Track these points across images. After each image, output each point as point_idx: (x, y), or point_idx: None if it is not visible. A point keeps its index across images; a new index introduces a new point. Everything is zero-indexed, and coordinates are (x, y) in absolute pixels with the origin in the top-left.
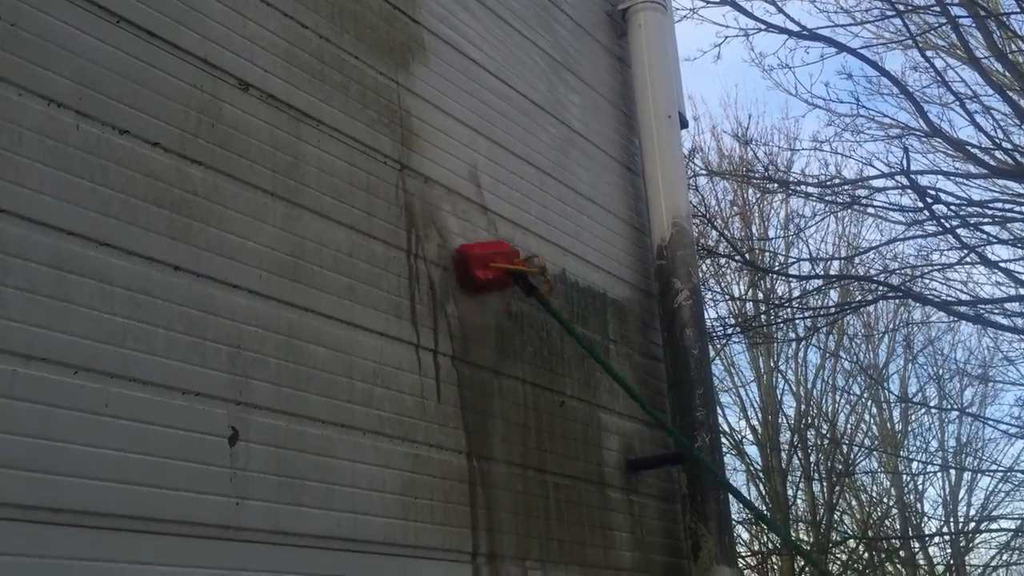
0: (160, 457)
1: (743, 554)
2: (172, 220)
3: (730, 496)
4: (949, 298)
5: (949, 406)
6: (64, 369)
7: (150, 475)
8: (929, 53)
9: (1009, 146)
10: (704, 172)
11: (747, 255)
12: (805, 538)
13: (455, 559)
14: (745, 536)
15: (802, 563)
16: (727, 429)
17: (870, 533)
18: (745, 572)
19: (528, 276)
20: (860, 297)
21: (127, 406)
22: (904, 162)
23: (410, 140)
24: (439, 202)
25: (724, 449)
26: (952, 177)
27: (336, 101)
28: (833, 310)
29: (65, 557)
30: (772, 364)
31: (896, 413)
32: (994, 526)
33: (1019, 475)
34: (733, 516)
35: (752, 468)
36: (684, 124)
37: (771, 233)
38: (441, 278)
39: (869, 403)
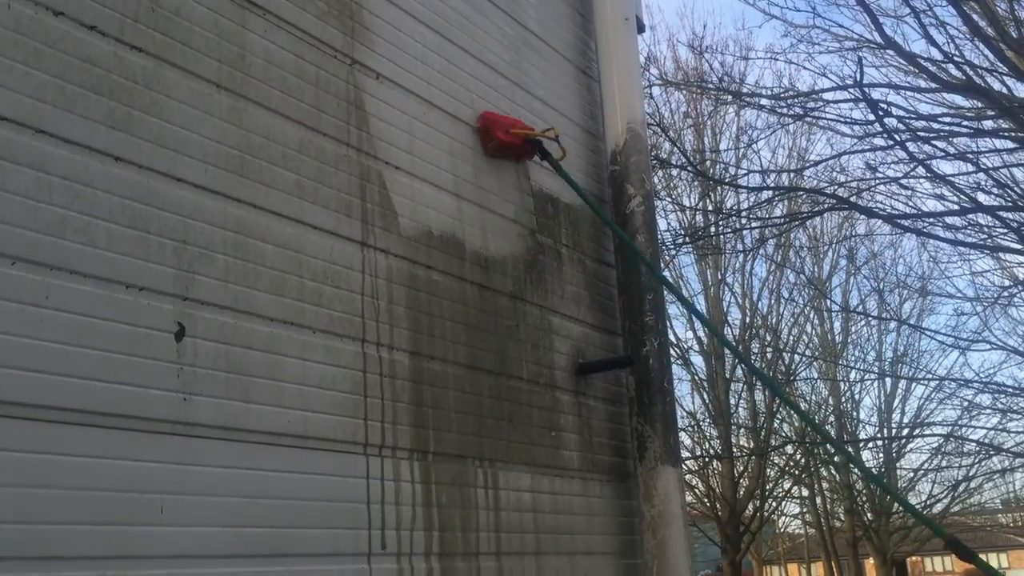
0: (104, 351)
1: (684, 458)
2: (112, 109)
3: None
4: (894, 211)
5: (889, 316)
6: (1, 260)
7: (94, 369)
8: None
9: (961, 60)
10: (659, 82)
11: (699, 167)
12: (745, 444)
13: (404, 457)
14: (688, 442)
15: (741, 469)
16: (674, 339)
17: (807, 439)
18: (686, 477)
19: (543, 142)
20: (808, 209)
21: (69, 299)
22: (858, 74)
23: (361, 34)
24: (391, 99)
25: (671, 357)
26: (903, 91)
27: None
28: (781, 221)
29: (4, 449)
30: (719, 276)
31: (837, 325)
32: (926, 432)
33: (952, 384)
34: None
35: (697, 377)
36: (641, 28)
37: (723, 147)
38: (392, 177)
39: (811, 315)
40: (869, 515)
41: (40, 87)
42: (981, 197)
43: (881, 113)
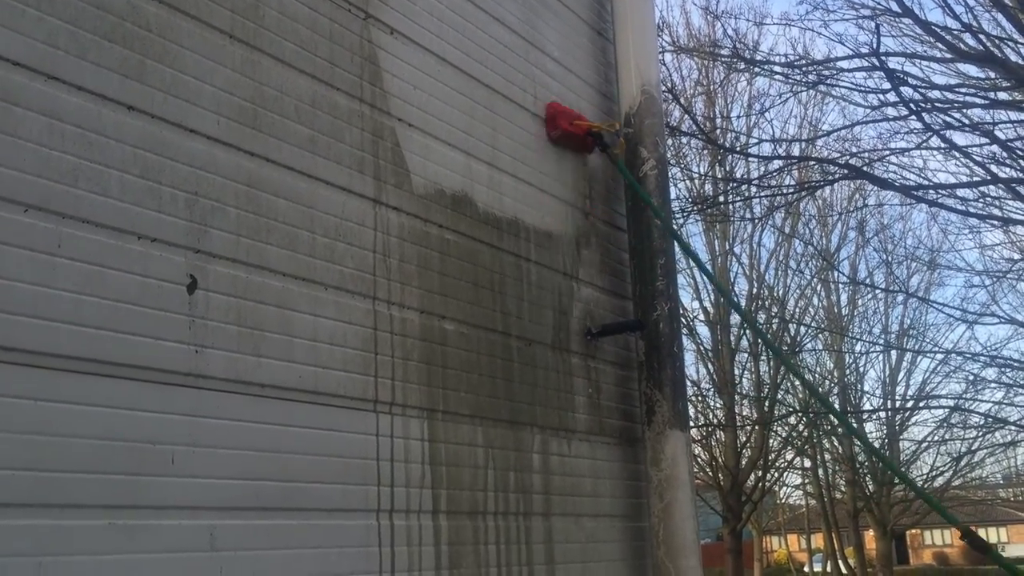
0: (116, 301)
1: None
2: (124, 57)
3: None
4: (907, 182)
5: (896, 289)
6: (14, 207)
7: (106, 319)
8: None
9: (978, 30)
10: (671, 48)
11: (710, 135)
12: (748, 414)
13: (413, 415)
14: (691, 411)
15: (744, 439)
16: (680, 309)
17: (811, 411)
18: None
19: (603, 135)
20: (819, 180)
21: (81, 248)
22: (874, 42)
23: None
24: (405, 56)
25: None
26: (919, 61)
27: None
28: (792, 190)
29: (17, 396)
30: (727, 247)
31: (844, 297)
32: (931, 405)
33: (958, 357)
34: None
35: (702, 347)
36: None
37: (734, 115)
38: (405, 134)
39: (818, 287)
40: (870, 487)
41: (53, 33)
42: (994, 169)
43: (897, 82)
